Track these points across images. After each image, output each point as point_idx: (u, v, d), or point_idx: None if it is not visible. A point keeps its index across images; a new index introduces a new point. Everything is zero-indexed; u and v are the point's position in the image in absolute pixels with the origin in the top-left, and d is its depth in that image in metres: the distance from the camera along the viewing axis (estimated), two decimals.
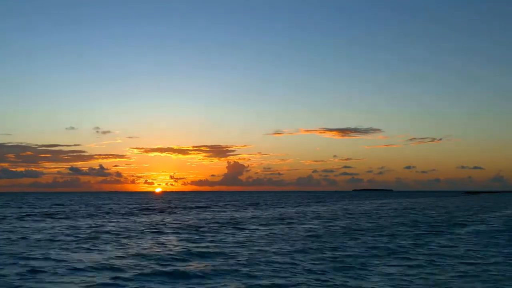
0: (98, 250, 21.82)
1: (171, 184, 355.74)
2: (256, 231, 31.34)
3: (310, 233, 29.50)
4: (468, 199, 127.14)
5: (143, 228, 33.98)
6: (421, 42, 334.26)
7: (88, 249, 22.10)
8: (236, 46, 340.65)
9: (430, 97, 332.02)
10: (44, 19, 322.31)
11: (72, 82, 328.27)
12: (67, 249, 22.00)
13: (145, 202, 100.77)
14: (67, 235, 28.65)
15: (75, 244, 23.69)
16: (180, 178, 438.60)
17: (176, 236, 27.98)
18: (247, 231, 31.49)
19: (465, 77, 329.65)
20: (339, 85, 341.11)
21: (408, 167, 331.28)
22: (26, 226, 35.60)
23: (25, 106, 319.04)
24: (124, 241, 25.41)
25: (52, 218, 45.05)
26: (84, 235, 28.25)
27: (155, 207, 71.90)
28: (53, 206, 76.66)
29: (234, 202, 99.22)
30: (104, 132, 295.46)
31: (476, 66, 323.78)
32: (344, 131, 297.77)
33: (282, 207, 72.25)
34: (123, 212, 56.18)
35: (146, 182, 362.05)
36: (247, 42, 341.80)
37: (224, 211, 59.63)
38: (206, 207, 72.21)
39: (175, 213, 55.94)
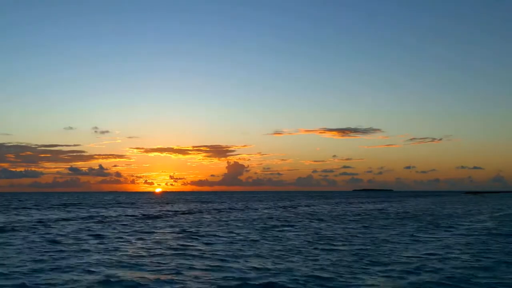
0: None
1: (171, 184, 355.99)
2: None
3: None
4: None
5: None
6: (422, 42, 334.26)
7: None
8: (236, 46, 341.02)
9: (430, 97, 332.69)
10: (42, 16, 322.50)
11: (71, 81, 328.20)
12: None
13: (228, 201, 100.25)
14: None
15: None
16: (179, 178, 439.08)
17: None
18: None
19: (465, 77, 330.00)
20: (339, 85, 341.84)
21: (408, 167, 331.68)
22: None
23: (25, 106, 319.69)
24: None
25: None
26: None
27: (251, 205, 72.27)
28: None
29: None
30: (102, 132, 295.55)
31: (477, 66, 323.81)
32: (344, 131, 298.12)
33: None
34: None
35: (146, 182, 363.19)
36: (248, 42, 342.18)
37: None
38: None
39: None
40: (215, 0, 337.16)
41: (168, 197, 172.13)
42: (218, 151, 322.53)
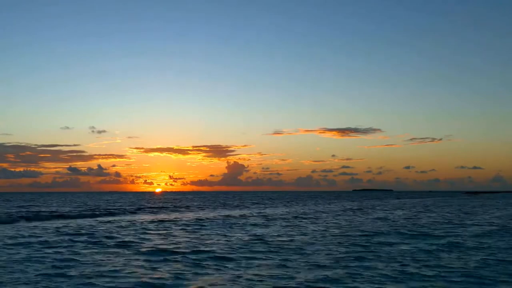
0: None
1: (171, 184, 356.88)
2: None
3: None
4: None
5: None
6: (421, 41, 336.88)
7: None
8: (236, 45, 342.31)
9: (430, 97, 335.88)
10: (41, 16, 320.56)
11: (71, 80, 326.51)
12: None
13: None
14: None
15: None
16: (179, 178, 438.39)
17: None
18: None
19: (465, 77, 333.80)
20: (339, 85, 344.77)
21: (408, 167, 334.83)
22: None
23: (25, 106, 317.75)
24: None
25: None
26: None
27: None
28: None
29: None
30: (99, 132, 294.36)
31: (477, 66, 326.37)
32: (344, 131, 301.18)
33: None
34: None
35: (145, 182, 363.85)
36: (248, 42, 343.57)
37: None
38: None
39: None
40: (215, 0, 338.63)
41: (186, 197, 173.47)
42: (218, 151, 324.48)
